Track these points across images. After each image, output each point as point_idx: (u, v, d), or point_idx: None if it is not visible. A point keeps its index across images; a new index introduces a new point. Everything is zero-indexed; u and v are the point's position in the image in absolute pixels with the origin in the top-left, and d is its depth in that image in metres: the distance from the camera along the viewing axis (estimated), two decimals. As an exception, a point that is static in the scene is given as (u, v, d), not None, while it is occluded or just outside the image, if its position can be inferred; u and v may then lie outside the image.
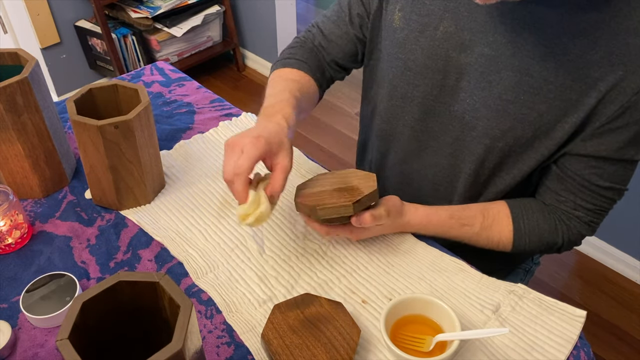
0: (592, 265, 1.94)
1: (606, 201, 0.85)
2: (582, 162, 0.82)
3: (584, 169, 0.82)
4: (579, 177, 0.83)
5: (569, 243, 0.89)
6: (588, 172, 0.82)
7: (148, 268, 0.87)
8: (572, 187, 0.85)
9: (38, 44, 2.46)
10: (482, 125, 0.85)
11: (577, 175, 0.83)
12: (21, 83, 0.86)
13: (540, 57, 0.77)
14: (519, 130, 0.82)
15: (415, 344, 0.73)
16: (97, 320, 0.56)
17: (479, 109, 0.84)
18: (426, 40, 0.85)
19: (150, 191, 0.96)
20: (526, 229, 0.88)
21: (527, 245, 0.89)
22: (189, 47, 2.70)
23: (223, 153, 1.07)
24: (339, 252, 0.88)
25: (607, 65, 0.73)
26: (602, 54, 0.73)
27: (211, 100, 1.23)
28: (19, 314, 0.80)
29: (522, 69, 0.78)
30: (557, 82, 0.77)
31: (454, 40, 0.83)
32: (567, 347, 0.75)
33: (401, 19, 0.88)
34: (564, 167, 0.84)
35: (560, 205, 0.87)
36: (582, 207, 0.86)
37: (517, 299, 0.81)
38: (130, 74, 1.32)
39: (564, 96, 0.77)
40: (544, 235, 0.88)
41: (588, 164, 0.82)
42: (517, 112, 0.81)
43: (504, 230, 0.88)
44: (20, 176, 0.95)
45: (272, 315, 0.76)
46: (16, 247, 0.89)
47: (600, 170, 0.82)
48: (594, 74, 0.75)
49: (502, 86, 0.80)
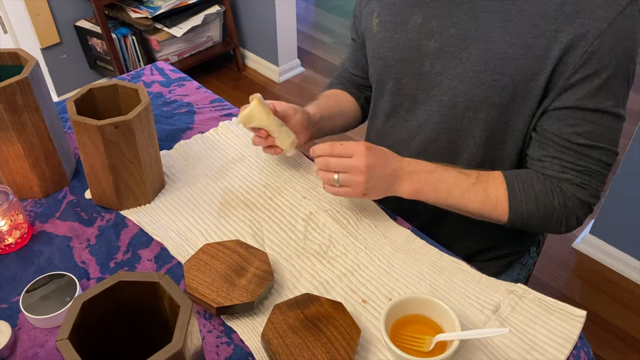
0: (592, 265, 1.94)
1: (593, 162, 0.84)
2: (559, 121, 0.83)
3: (563, 127, 0.83)
4: (558, 138, 0.83)
5: (566, 209, 0.86)
6: (567, 131, 0.83)
7: (148, 268, 0.87)
8: (553, 150, 0.85)
9: (38, 44, 2.46)
10: (460, 101, 0.88)
11: (556, 136, 0.84)
12: (21, 83, 0.86)
13: (499, 23, 0.82)
14: (496, 97, 0.84)
15: (415, 344, 0.73)
16: (97, 320, 0.56)
17: (456, 86, 0.87)
18: (400, 36, 0.92)
19: (150, 191, 0.96)
20: (520, 188, 0.86)
21: (525, 206, 0.86)
22: (189, 47, 2.70)
23: (223, 153, 1.08)
24: (339, 252, 0.88)
25: (563, 16, 0.77)
26: (555, 7, 0.77)
27: (211, 100, 1.23)
28: (19, 314, 0.80)
29: (486, 39, 0.83)
30: (519, 42, 0.80)
31: (423, 30, 0.89)
32: (567, 347, 0.75)
33: (378, 24, 0.96)
34: (543, 130, 0.85)
35: (546, 171, 0.86)
36: (569, 169, 0.85)
37: (517, 299, 0.81)
38: (130, 74, 1.32)
39: (529, 54, 0.80)
40: (539, 196, 0.86)
41: (566, 122, 0.82)
42: (489, 80, 0.84)
43: (499, 187, 0.87)
44: (20, 176, 0.95)
45: (272, 315, 0.76)
46: (16, 247, 0.89)
47: (578, 126, 0.82)
48: (551, 27, 0.78)
49: (472, 60, 0.84)
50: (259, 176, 1.03)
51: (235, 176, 1.03)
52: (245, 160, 1.06)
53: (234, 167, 1.05)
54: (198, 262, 0.82)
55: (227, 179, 1.02)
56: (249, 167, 1.05)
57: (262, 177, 1.03)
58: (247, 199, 0.98)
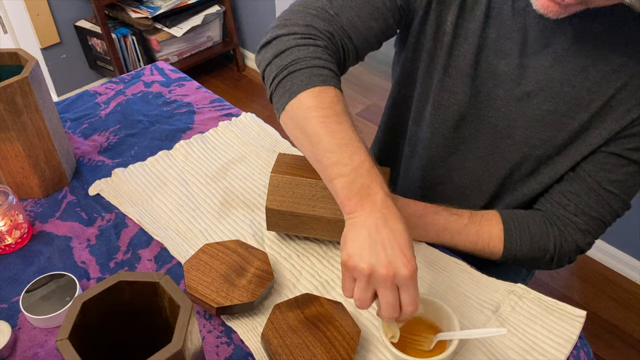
0: (592, 265, 1.94)
1: (609, 212, 0.83)
2: (598, 163, 0.81)
3: (599, 170, 0.81)
4: (590, 178, 0.82)
5: (561, 251, 0.85)
6: (601, 175, 0.81)
7: (148, 268, 0.87)
8: (579, 188, 0.83)
9: (38, 44, 2.46)
10: (519, 134, 0.84)
11: (588, 176, 0.82)
12: (21, 83, 0.86)
13: (581, 68, 0.76)
14: (559, 139, 0.81)
15: (415, 343, 0.73)
16: (97, 320, 0.56)
17: (516, 118, 0.83)
18: (469, 47, 0.82)
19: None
20: (516, 229, 0.85)
21: (519, 247, 0.85)
22: (189, 47, 2.70)
23: (223, 153, 1.08)
24: (339, 251, 0.88)
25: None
26: None
27: (211, 100, 1.23)
28: (19, 314, 0.80)
29: (562, 80, 0.77)
30: (600, 92, 0.76)
31: (495, 48, 0.81)
32: (567, 347, 0.75)
33: (449, 24, 0.82)
34: (579, 166, 0.83)
35: (560, 209, 0.85)
36: (583, 213, 0.83)
37: (517, 299, 0.81)
38: (130, 74, 1.32)
39: (607, 106, 0.77)
40: (534, 238, 0.85)
41: (604, 166, 0.80)
42: (558, 122, 0.80)
43: (493, 228, 0.86)
44: (20, 176, 0.95)
45: (272, 315, 0.76)
46: (16, 247, 0.89)
47: (613, 173, 0.80)
48: (636, 82, 0.74)
49: (541, 97, 0.80)
50: (259, 176, 1.03)
51: (235, 176, 1.03)
52: (245, 160, 1.06)
53: (234, 167, 1.05)
54: (198, 262, 0.82)
55: (227, 179, 1.02)
56: (249, 167, 1.05)
57: (262, 177, 1.03)
58: (247, 199, 0.98)
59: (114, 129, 1.15)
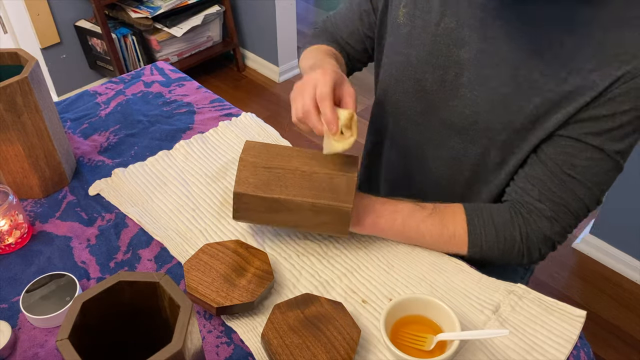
0: (592, 266, 1.94)
1: (574, 199, 0.82)
2: (559, 147, 0.81)
3: (559, 154, 0.81)
4: (551, 162, 0.82)
5: (528, 241, 0.85)
6: (562, 159, 0.81)
7: (148, 268, 0.87)
8: (542, 172, 0.83)
9: (38, 44, 2.46)
10: (482, 119, 0.86)
11: (549, 160, 0.82)
12: (21, 83, 0.86)
13: (536, 50, 0.78)
14: (517, 123, 0.83)
15: (416, 343, 0.73)
16: (97, 320, 0.56)
17: (480, 103, 0.85)
18: (428, 36, 0.87)
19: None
20: (480, 219, 0.85)
21: (484, 237, 0.84)
22: (189, 47, 2.70)
23: (223, 153, 1.08)
24: (339, 251, 0.88)
25: (602, 58, 0.74)
26: (595, 48, 0.75)
27: (211, 100, 1.23)
28: (19, 314, 0.80)
29: (519, 63, 0.80)
30: (553, 74, 0.78)
31: (454, 36, 0.85)
32: (567, 347, 0.75)
33: (405, 15, 0.91)
34: (540, 149, 0.84)
35: (524, 196, 0.84)
36: (547, 199, 0.83)
37: (517, 299, 0.81)
38: (130, 74, 1.32)
39: (559, 88, 0.78)
40: (499, 227, 0.84)
41: (564, 150, 0.80)
42: (516, 105, 0.82)
43: (457, 218, 0.86)
44: (20, 176, 0.95)
45: (272, 315, 0.76)
46: (16, 247, 0.89)
47: (575, 158, 0.80)
48: (587, 66, 0.75)
49: (500, 80, 0.82)
50: (259, 176, 1.03)
51: (235, 176, 1.03)
52: (245, 160, 1.06)
53: (234, 167, 1.05)
54: (198, 262, 0.82)
55: (227, 179, 1.02)
56: (249, 167, 1.05)
57: (262, 177, 1.02)
58: (247, 199, 0.98)
59: (114, 129, 1.15)
